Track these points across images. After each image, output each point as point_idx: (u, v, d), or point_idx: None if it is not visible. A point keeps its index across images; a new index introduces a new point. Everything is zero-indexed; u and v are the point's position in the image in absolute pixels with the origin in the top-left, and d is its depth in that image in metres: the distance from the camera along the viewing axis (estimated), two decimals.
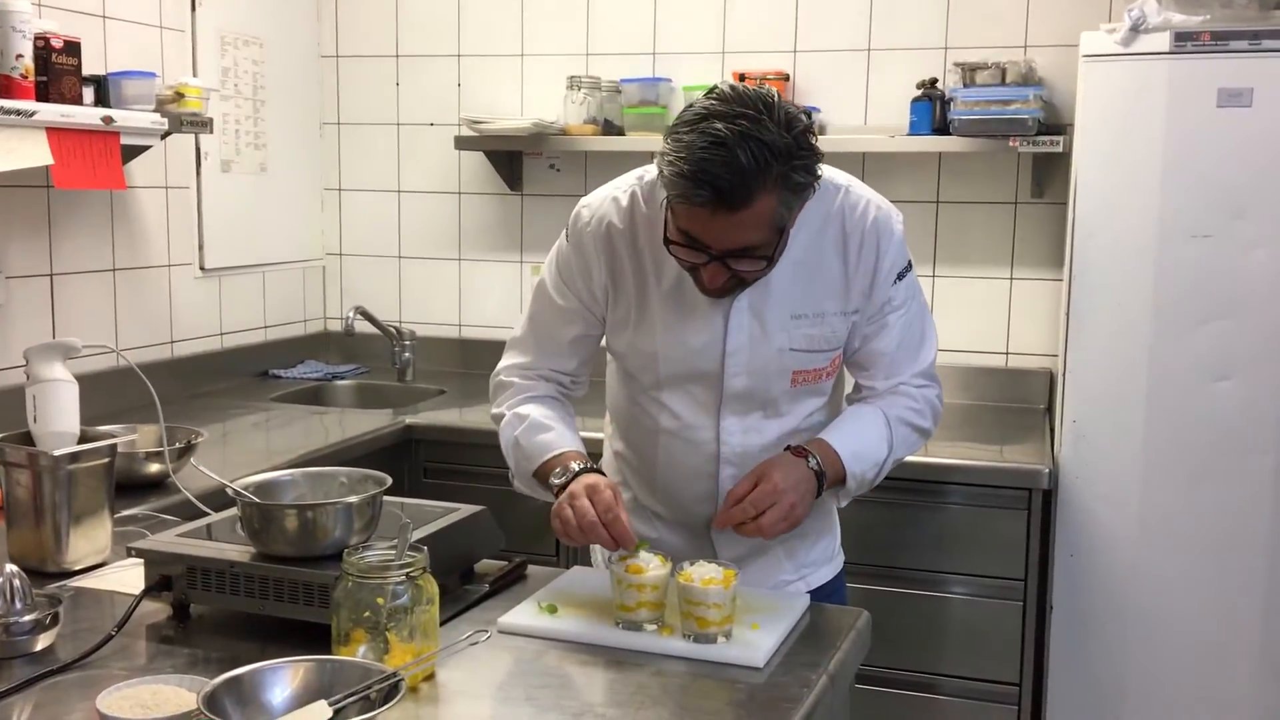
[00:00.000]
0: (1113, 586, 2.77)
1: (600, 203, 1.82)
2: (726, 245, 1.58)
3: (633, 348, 1.83)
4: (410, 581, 1.39)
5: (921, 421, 1.86)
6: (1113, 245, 2.72)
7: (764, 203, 1.53)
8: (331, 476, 1.69)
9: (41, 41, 2.49)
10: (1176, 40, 2.61)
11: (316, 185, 3.89)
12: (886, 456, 1.80)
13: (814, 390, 1.83)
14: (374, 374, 3.78)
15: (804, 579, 1.93)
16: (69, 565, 1.79)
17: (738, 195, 1.51)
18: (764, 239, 1.59)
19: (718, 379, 1.78)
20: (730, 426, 1.81)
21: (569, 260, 1.84)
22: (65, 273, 2.90)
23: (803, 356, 1.78)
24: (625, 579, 1.56)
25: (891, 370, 1.83)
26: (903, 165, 3.36)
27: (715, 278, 1.62)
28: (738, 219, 1.54)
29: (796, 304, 1.74)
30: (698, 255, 1.61)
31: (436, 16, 3.75)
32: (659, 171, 1.60)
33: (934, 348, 1.88)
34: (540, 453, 1.80)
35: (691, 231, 1.59)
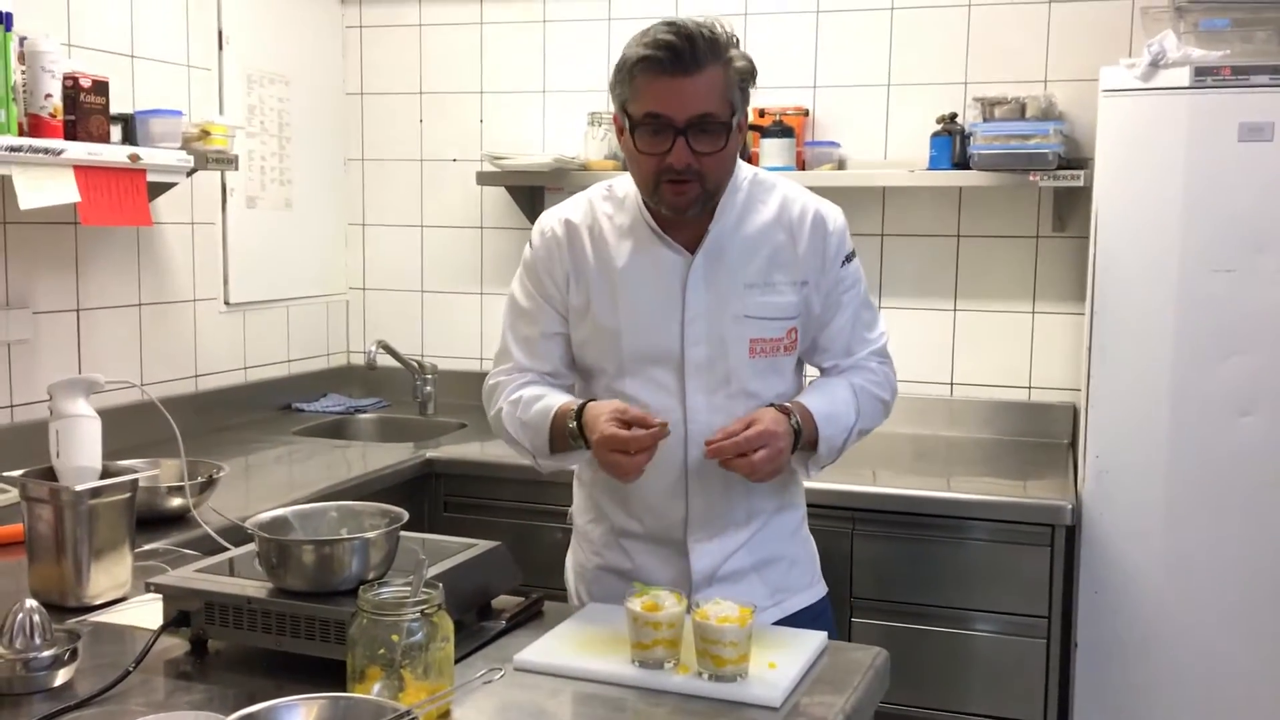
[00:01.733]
0: (1137, 623, 2.74)
1: (558, 209, 1.97)
2: (688, 112, 1.72)
3: (595, 331, 1.91)
4: (425, 619, 1.39)
5: (883, 394, 1.98)
6: (1135, 279, 2.71)
7: (714, 72, 1.73)
8: (349, 511, 1.70)
9: (70, 81, 2.53)
10: (1197, 75, 2.61)
11: (341, 220, 3.93)
12: (854, 424, 1.91)
13: (774, 367, 1.90)
14: (396, 407, 3.79)
15: (779, 604, 1.96)
16: (89, 600, 1.80)
17: (689, 56, 1.71)
18: (719, 109, 1.75)
19: (678, 356, 1.87)
20: (697, 405, 1.87)
21: (533, 264, 1.96)
22: (92, 308, 2.94)
23: (758, 324, 1.87)
24: (641, 617, 1.56)
25: (850, 347, 1.96)
26: (923, 200, 3.36)
27: (681, 156, 1.74)
28: (694, 83, 1.72)
29: (749, 274, 1.87)
30: (663, 139, 1.74)
31: (460, 54, 3.79)
32: (618, 77, 1.78)
33: (884, 329, 2.02)
34: (543, 419, 1.88)
35: (655, 108, 1.74)
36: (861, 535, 2.78)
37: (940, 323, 3.41)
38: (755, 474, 1.77)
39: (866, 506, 2.76)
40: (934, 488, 2.80)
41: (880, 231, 3.42)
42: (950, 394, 3.41)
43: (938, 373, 3.42)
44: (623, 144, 1.85)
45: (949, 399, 3.41)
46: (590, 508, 2.04)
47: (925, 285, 3.40)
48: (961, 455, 3.18)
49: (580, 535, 2.10)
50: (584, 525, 2.08)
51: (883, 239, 3.42)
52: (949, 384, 3.41)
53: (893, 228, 3.42)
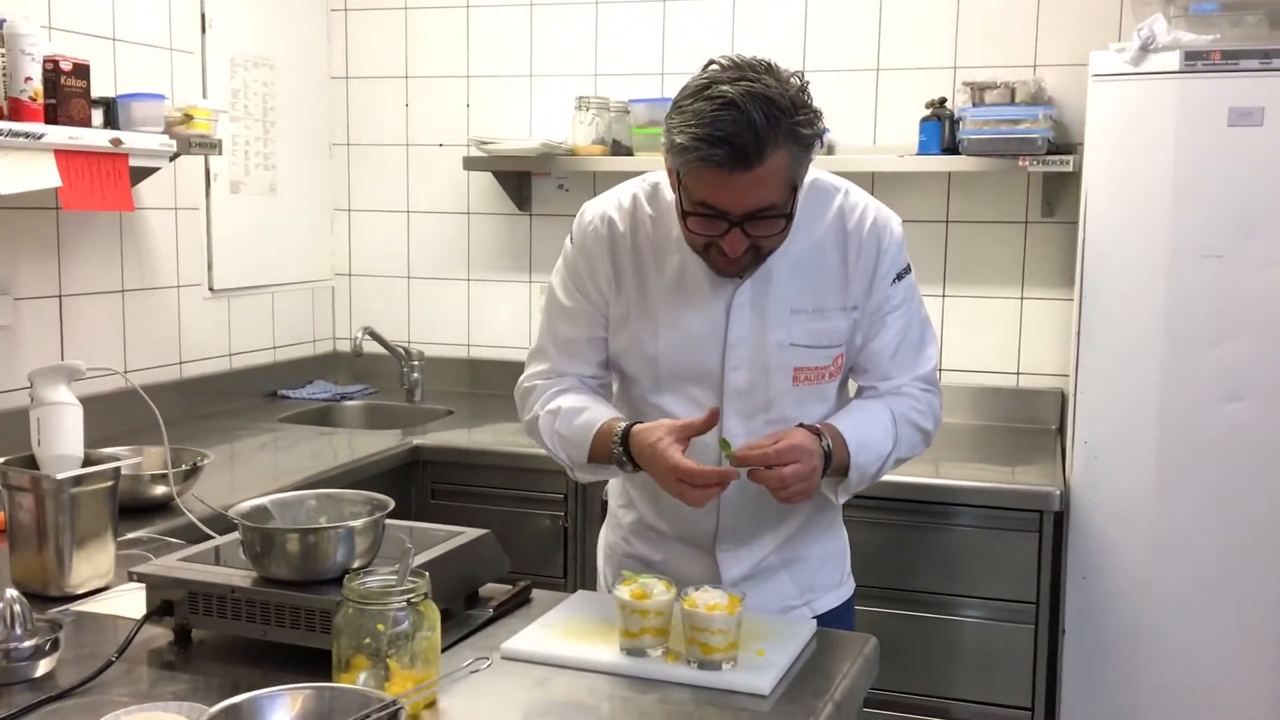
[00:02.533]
0: (1126, 609, 2.75)
1: (602, 203, 1.85)
2: (745, 208, 1.59)
3: (634, 344, 1.82)
4: (411, 607, 1.38)
5: (924, 423, 1.85)
6: (1124, 265, 2.70)
7: (777, 158, 1.56)
8: (335, 499, 1.68)
9: (51, 64, 2.50)
10: (1187, 59, 2.59)
11: (326, 206, 3.90)
12: (890, 452, 1.79)
13: (817, 394, 1.81)
14: (382, 394, 3.77)
15: (809, 604, 1.90)
16: (71, 589, 1.79)
17: (753, 151, 1.54)
18: (780, 197, 1.61)
19: (718, 377, 1.78)
20: (733, 429, 1.78)
21: (575, 262, 1.85)
22: (74, 294, 2.91)
23: (804, 352, 1.77)
24: (629, 605, 1.55)
25: (891, 371, 1.83)
26: (912, 185, 3.35)
27: (735, 245, 1.63)
28: (754, 177, 1.56)
29: (797, 299, 1.76)
30: (716, 225, 1.62)
31: (446, 38, 3.76)
32: (669, 144, 1.61)
33: (934, 356, 1.88)
34: (585, 434, 1.78)
35: (709, 199, 1.60)
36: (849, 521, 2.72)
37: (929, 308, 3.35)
38: (785, 488, 1.64)
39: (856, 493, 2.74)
40: (922, 474, 2.78)
41: None
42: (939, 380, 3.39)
43: None
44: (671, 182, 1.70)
45: None
46: (622, 492, 1.97)
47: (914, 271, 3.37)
48: (949, 441, 3.17)
49: (613, 517, 2.01)
50: (616, 509, 2.00)
51: None
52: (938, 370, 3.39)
53: None
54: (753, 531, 1.85)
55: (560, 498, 2.97)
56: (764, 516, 1.84)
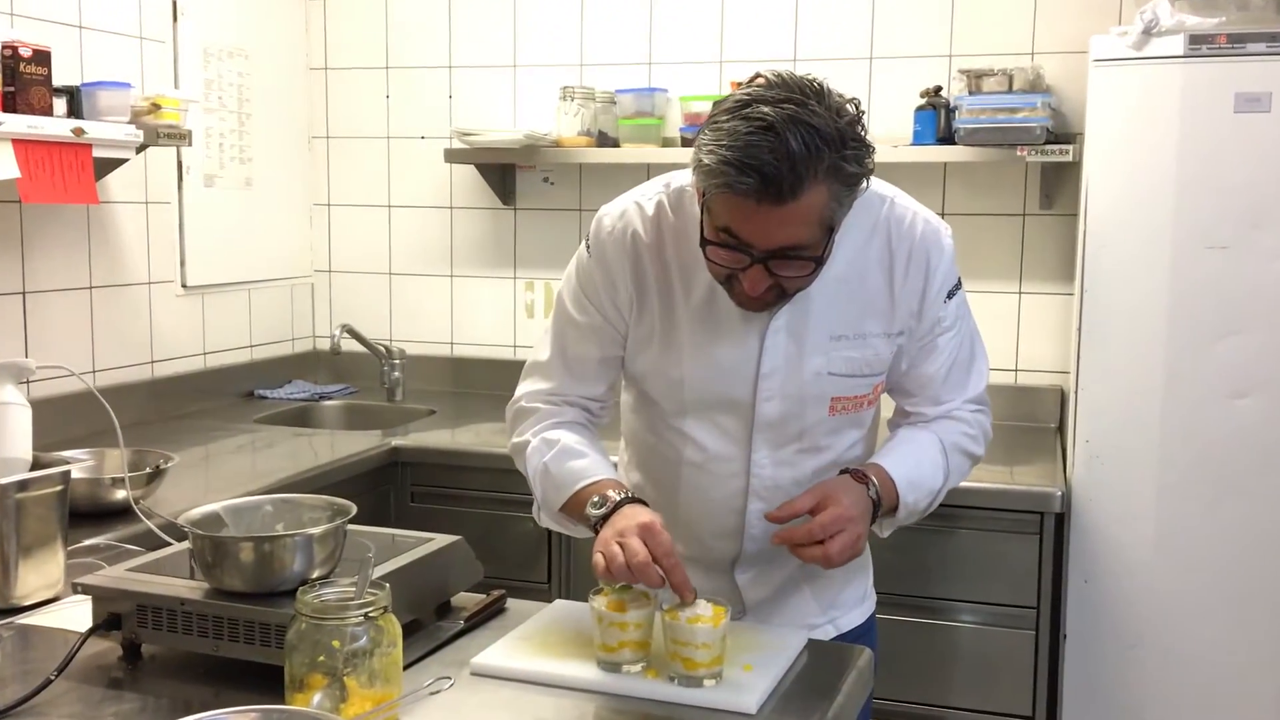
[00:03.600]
0: (1129, 613, 2.65)
1: (623, 210, 1.67)
2: (771, 244, 1.42)
3: (656, 370, 1.67)
4: (370, 622, 1.28)
5: (975, 449, 1.74)
6: (1126, 257, 2.61)
7: (814, 195, 1.39)
8: (293, 505, 1.58)
9: (9, 51, 2.39)
10: (1191, 43, 2.50)
11: (305, 200, 3.80)
12: (941, 486, 1.68)
13: (853, 422, 1.69)
14: (363, 394, 3.67)
15: (833, 622, 1.79)
16: (17, 600, 1.68)
17: (787, 184, 1.36)
18: (812, 237, 1.44)
19: (749, 407, 1.63)
20: (761, 460, 1.66)
21: (590, 273, 1.68)
22: (40, 290, 2.80)
23: (843, 382, 1.63)
24: (606, 616, 1.45)
25: (940, 396, 1.70)
26: (906, 176, 3.21)
27: (756, 284, 1.46)
28: (785, 213, 1.39)
29: (837, 324, 1.61)
30: (738, 258, 1.45)
31: (427, 27, 3.66)
32: (696, 162, 1.44)
33: (985, 372, 1.76)
34: (573, 480, 1.63)
35: (733, 228, 1.43)
36: None
37: None
38: (830, 564, 1.52)
39: None
40: None
41: None
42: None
43: None
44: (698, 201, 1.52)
45: None
46: None
47: None
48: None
49: None
50: None
51: None
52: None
53: None
54: (776, 556, 1.71)
55: None
56: None
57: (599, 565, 1.47)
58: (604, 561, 1.47)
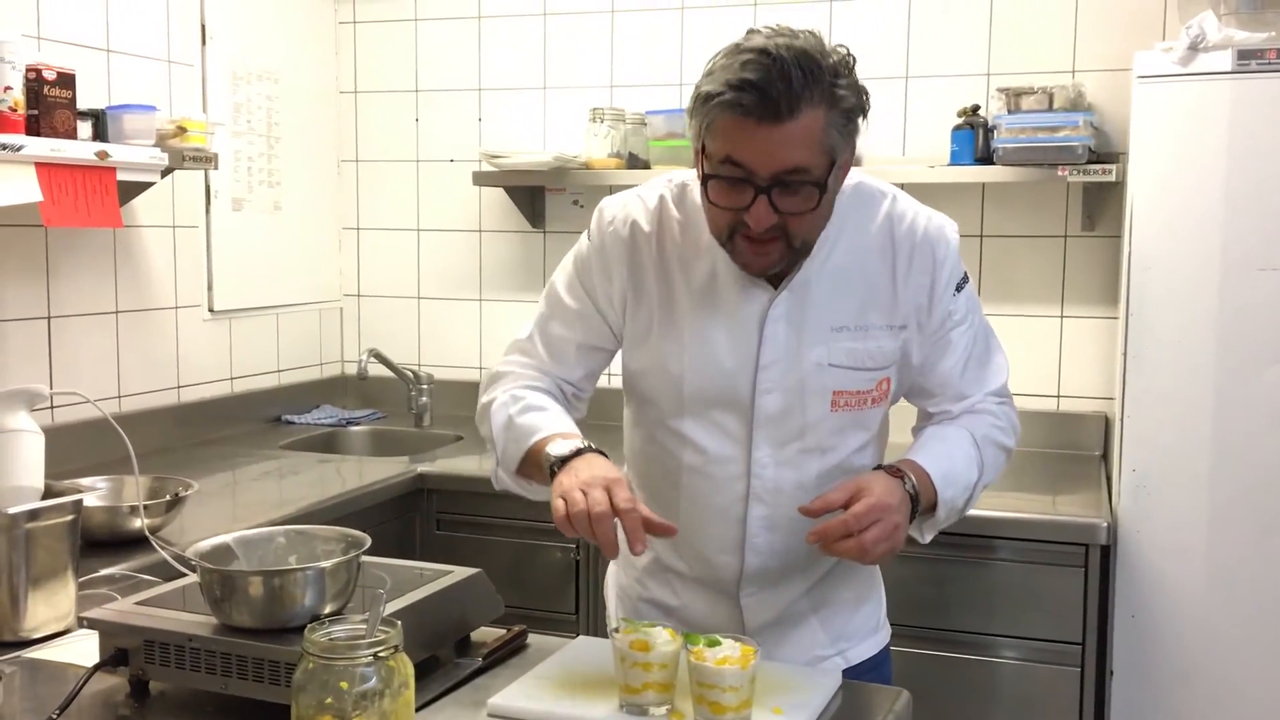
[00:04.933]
0: (1178, 649, 2.55)
1: (625, 202, 1.69)
2: (773, 166, 1.43)
3: (655, 363, 1.65)
4: (380, 662, 1.22)
5: (1007, 440, 1.70)
6: (1172, 280, 2.52)
7: (811, 117, 1.42)
8: (306, 536, 1.53)
9: (33, 73, 2.38)
10: (1239, 59, 2.42)
11: (333, 224, 3.77)
12: (977, 480, 1.64)
13: (858, 421, 1.64)
14: (391, 419, 3.63)
15: (842, 654, 1.72)
16: (27, 633, 1.64)
17: (784, 102, 1.40)
18: (813, 161, 1.45)
19: (748, 402, 1.61)
20: (763, 459, 1.62)
21: (588, 261, 1.69)
22: (64, 315, 2.78)
23: (845, 374, 1.60)
24: (630, 656, 1.38)
25: (962, 391, 1.68)
26: (944, 197, 3.16)
27: (761, 218, 1.45)
28: (784, 132, 1.41)
29: (838, 315, 1.59)
30: (742, 192, 1.46)
31: (457, 50, 3.63)
32: (692, 105, 1.48)
33: (1005, 365, 1.72)
34: (536, 430, 1.59)
35: (734, 155, 1.44)
36: None
37: None
38: (867, 557, 1.47)
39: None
40: None
41: None
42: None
43: None
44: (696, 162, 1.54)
45: None
46: None
47: None
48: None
49: (624, 557, 1.81)
50: None
51: None
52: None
53: None
54: (780, 574, 1.67)
55: None
56: (793, 558, 1.66)
57: (559, 511, 1.44)
58: (564, 507, 1.44)
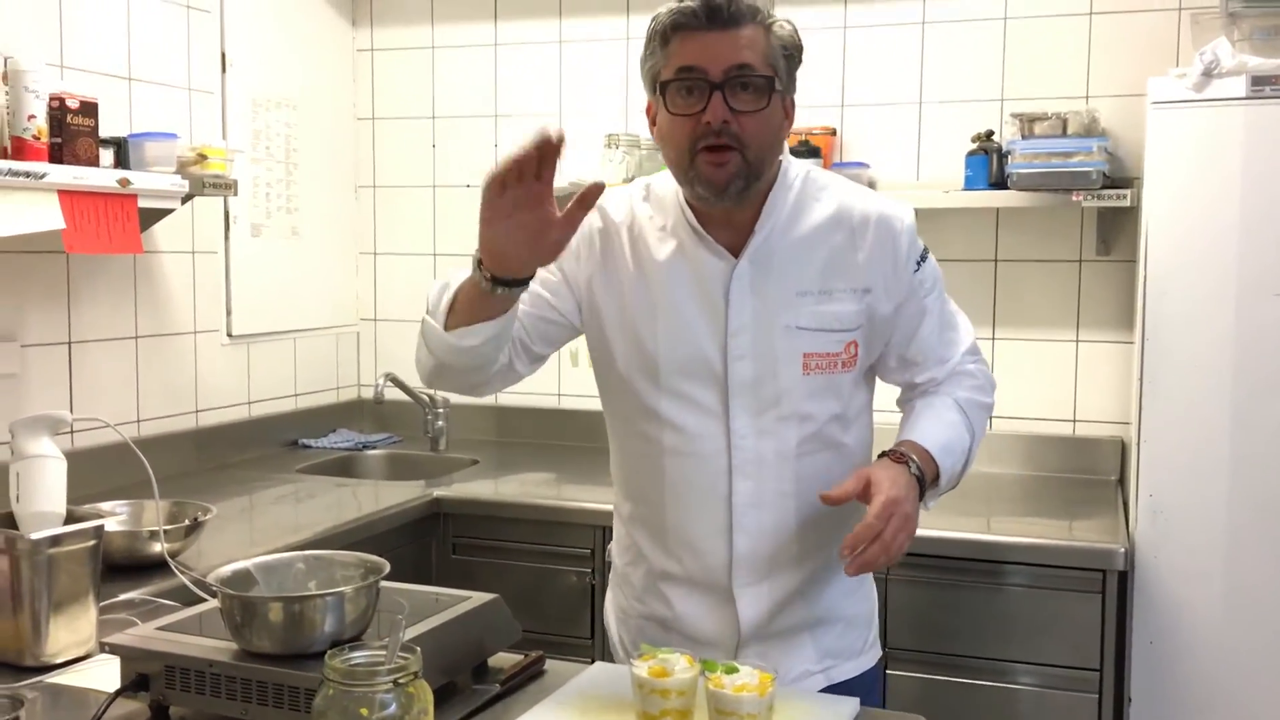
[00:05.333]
0: (1197, 677, 2.54)
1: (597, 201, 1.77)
2: (724, 63, 1.56)
3: (630, 341, 1.71)
4: (399, 689, 1.22)
5: (986, 398, 1.81)
6: (1188, 305, 2.52)
7: (754, 31, 1.59)
8: (325, 561, 1.54)
9: (56, 102, 2.41)
10: (1254, 84, 2.43)
11: (350, 249, 3.80)
12: (970, 444, 1.73)
13: (830, 387, 1.69)
14: (407, 443, 3.64)
15: (825, 671, 1.75)
16: (48, 659, 1.65)
17: (727, 10, 1.57)
18: (760, 64, 1.59)
19: (721, 371, 1.67)
20: (742, 429, 1.67)
21: None
22: (85, 340, 2.80)
23: (812, 336, 1.67)
24: (648, 683, 1.38)
25: (944, 354, 1.77)
26: (958, 222, 3.19)
27: (717, 112, 1.56)
28: (731, 37, 1.57)
29: (801, 281, 1.67)
30: (698, 93, 1.58)
31: (473, 76, 3.66)
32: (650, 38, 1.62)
33: (968, 324, 1.84)
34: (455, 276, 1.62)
35: (688, 61, 1.58)
36: (896, 580, 2.59)
37: None
38: (893, 558, 1.52)
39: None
40: (973, 529, 2.60)
41: None
42: (989, 427, 3.21)
43: None
44: (655, 133, 1.66)
45: (988, 433, 3.20)
46: (629, 547, 1.83)
47: None
48: (1002, 493, 2.99)
49: (620, 578, 1.88)
50: (623, 567, 1.86)
51: None
52: None
53: None
54: (770, 560, 1.71)
55: (587, 553, 2.81)
56: (781, 540, 1.71)
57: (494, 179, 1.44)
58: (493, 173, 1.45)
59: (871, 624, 1.86)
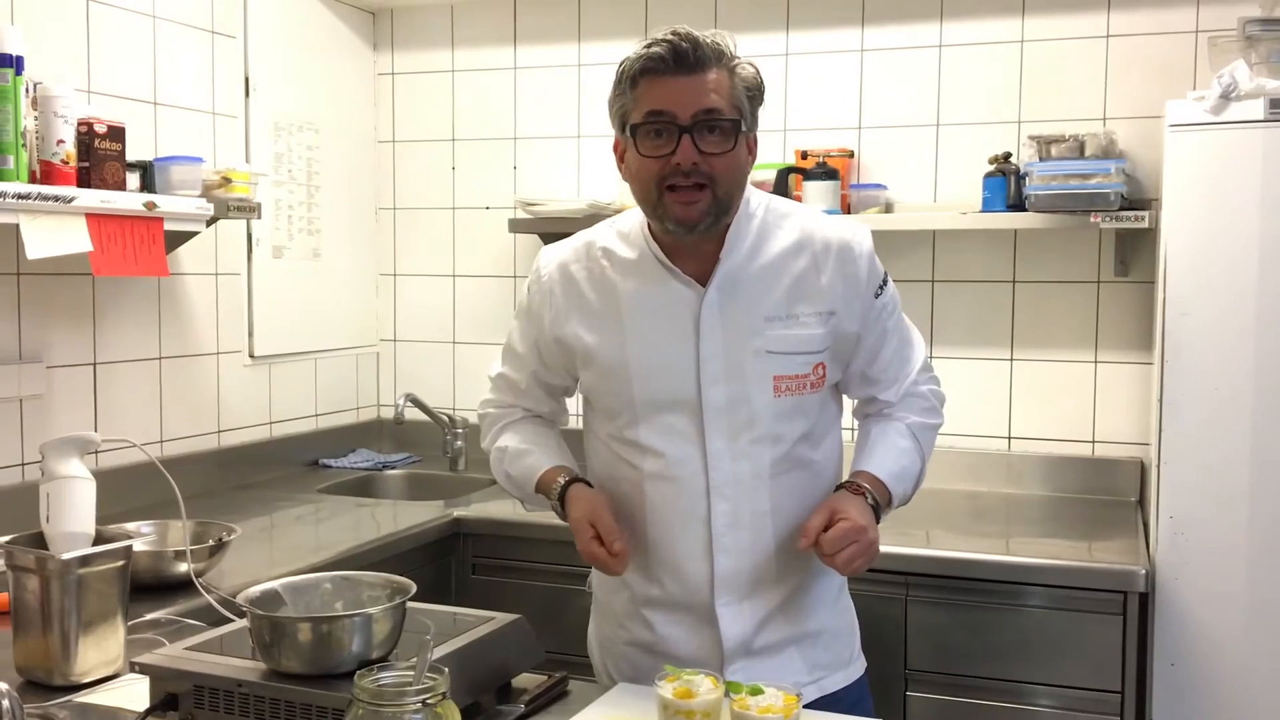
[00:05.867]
0: (1219, 699, 2.52)
1: (558, 250, 1.87)
2: (693, 108, 1.63)
3: (604, 374, 1.79)
4: (428, 709, 1.24)
5: (935, 419, 1.89)
6: (1208, 325, 2.52)
7: (720, 74, 1.65)
8: (353, 582, 1.56)
9: (85, 127, 2.45)
10: (1272, 107, 2.43)
11: (371, 270, 3.83)
12: (920, 469, 1.84)
13: (799, 408, 1.76)
14: (426, 463, 3.66)
15: (817, 682, 1.80)
16: (78, 677, 1.66)
17: (692, 56, 1.63)
18: (726, 107, 1.65)
19: (696, 398, 1.73)
20: (718, 451, 1.74)
21: (526, 308, 1.90)
22: (109, 361, 2.84)
23: (782, 360, 1.73)
24: (672, 705, 1.40)
25: (900, 373, 1.86)
26: (976, 243, 3.20)
27: (687, 154, 1.63)
28: (697, 81, 1.63)
29: (768, 307, 1.74)
30: (667, 136, 1.64)
31: (493, 100, 3.69)
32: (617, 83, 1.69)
33: (921, 341, 1.92)
34: (529, 478, 1.86)
35: (657, 106, 1.64)
36: (916, 602, 2.59)
37: (996, 373, 3.23)
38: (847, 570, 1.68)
39: (920, 570, 2.58)
40: (993, 550, 2.61)
41: (930, 277, 3.26)
42: (1008, 448, 3.23)
43: (995, 426, 3.23)
44: (624, 170, 1.74)
45: (1007, 454, 3.22)
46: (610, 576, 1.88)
47: (979, 334, 3.23)
48: (1021, 514, 2.99)
49: (601, 607, 1.95)
50: (605, 596, 1.93)
51: (933, 285, 3.26)
52: (1006, 438, 3.23)
53: (944, 273, 3.25)
54: (751, 579, 1.77)
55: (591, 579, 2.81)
56: (760, 559, 1.77)
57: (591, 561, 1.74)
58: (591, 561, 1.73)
59: (854, 635, 1.93)
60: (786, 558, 1.77)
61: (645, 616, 1.82)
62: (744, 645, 1.77)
